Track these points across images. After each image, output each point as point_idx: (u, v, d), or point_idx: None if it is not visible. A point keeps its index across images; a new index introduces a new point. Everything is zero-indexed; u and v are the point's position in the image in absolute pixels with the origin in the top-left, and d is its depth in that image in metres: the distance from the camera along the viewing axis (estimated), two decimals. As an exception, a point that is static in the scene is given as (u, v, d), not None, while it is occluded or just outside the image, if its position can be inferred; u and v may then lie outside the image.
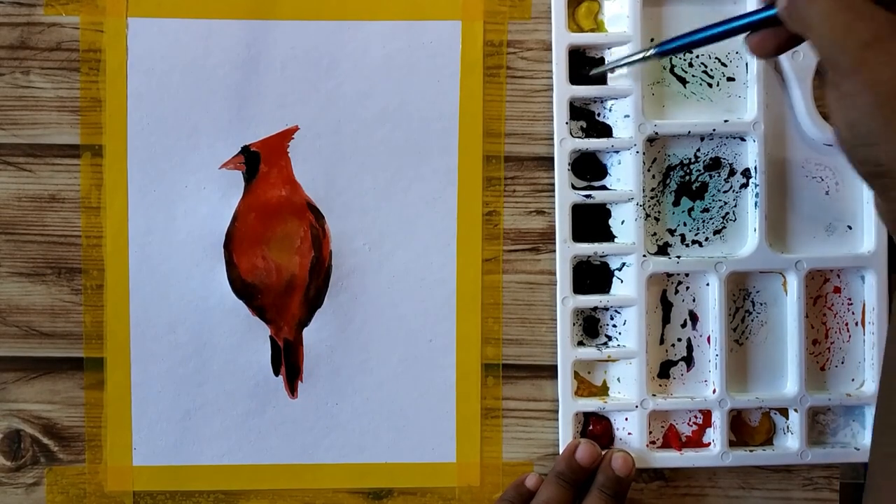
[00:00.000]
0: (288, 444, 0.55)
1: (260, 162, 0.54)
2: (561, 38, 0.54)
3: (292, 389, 0.55)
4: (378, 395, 0.55)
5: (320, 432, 0.55)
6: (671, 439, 0.55)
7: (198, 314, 0.54)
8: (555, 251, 0.55)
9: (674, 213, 0.55)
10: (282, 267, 0.55)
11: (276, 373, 0.55)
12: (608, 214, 0.55)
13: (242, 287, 0.55)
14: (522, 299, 0.55)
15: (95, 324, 0.54)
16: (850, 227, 0.55)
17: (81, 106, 0.54)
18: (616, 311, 0.55)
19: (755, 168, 0.54)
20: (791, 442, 0.55)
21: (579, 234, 0.55)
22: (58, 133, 0.54)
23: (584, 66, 0.55)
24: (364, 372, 0.55)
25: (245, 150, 0.54)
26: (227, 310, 0.55)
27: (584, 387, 0.56)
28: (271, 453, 0.55)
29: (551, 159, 0.54)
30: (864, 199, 0.55)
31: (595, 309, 0.55)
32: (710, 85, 0.55)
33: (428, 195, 0.55)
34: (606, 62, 0.54)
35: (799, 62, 0.53)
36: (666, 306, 0.55)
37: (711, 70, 0.55)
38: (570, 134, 0.54)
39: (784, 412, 0.55)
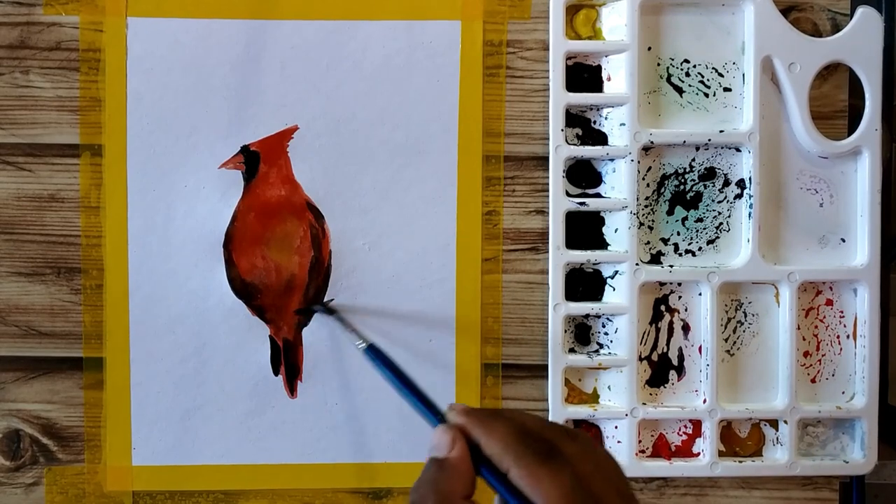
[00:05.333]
0: (288, 444, 0.55)
1: (259, 162, 0.54)
2: (558, 45, 0.54)
3: (292, 389, 0.55)
4: (378, 395, 0.55)
5: (320, 432, 0.55)
6: (661, 448, 0.55)
7: (197, 314, 0.54)
8: (554, 252, 0.55)
9: (667, 222, 0.55)
10: (281, 267, 0.55)
11: (276, 373, 0.55)
12: (602, 222, 0.55)
13: (242, 287, 0.54)
14: (522, 299, 0.55)
15: (95, 323, 0.54)
16: (843, 240, 0.55)
17: (81, 106, 0.54)
18: (608, 318, 0.55)
19: (750, 179, 0.54)
20: (780, 454, 0.55)
21: (573, 241, 0.55)
22: (57, 133, 0.54)
23: (583, 73, 0.55)
24: (364, 372, 0.55)
25: (244, 150, 0.54)
26: (227, 310, 0.55)
27: (575, 394, 0.56)
28: (271, 453, 0.55)
29: (551, 159, 0.54)
30: (858, 212, 0.55)
31: (587, 316, 0.55)
32: (706, 95, 0.55)
33: (428, 195, 0.55)
34: None
35: (796, 74, 0.53)
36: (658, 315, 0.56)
37: (708, 80, 0.55)
38: (566, 141, 0.54)
39: (774, 423, 0.56)
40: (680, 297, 0.55)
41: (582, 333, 0.56)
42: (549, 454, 0.36)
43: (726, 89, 0.55)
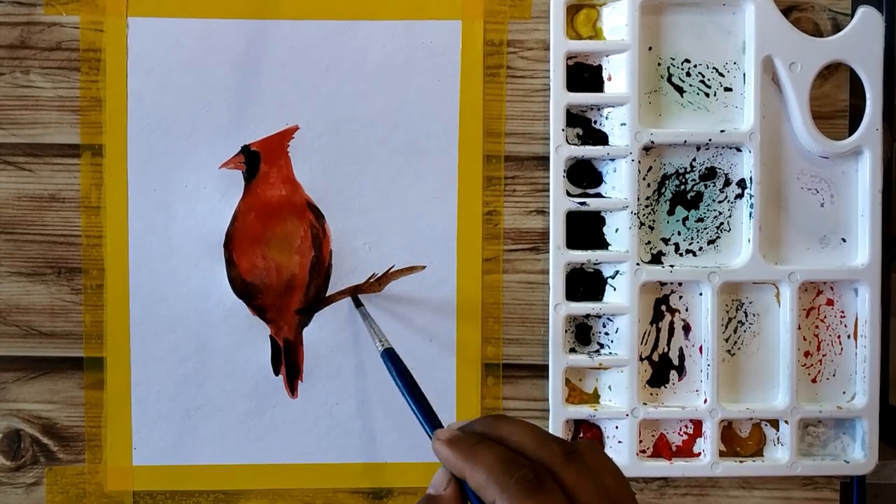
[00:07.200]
0: (288, 443, 0.55)
1: (260, 161, 0.54)
2: (559, 45, 0.54)
3: (292, 389, 0.55)
4: (378, 395, 0.55)
5: (320, 432, 0.55)
6: (662, 448, 0.55)
7: (198, 314, 0.54)
8: (554, 252, 0.55)
9: (668, 222, 0.55)
10: (282, 266, 0.55)
11: (276, 372, 0.55)
12: (602, 222, 0.55)
13: (242, 287, 0.54)
14: (522, 299, 0.55)
15: (95, 323, 0.54)
16: (844, 240, 0.55)
17: (81, 105, 0.54)
18: (609, 318, 0.55)
19: (750, 179, 0.54)
20: (781, 453, 0.55)
21: (574, 240, 0.55)
22: (58, 133, 0.54)
23: (583, 73, 0.55)
24: (364, 372, 0.55)
25: (245, 150, 0.54)
26: (227, 310, 0.55)
27: (576, 394, 0.56)
28: (271, 453, 0.55)
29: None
30: (859, 212, 0.55)
31: (587, 316, 0.55)
32: (707, 94, 0.55)
33: (428, 195, 0.55)
34: None
35: (797, 73, 0.53)
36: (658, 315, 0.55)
37: (709, 80, 0.55)
38: (567, 141, 0.54)
39: (775, 423, 0.55)
40: (681, 297, 0.55)
41: (582, 333, 0.55)
42: (537, 483, 0.33)
43: (727, 89, 0.55)
